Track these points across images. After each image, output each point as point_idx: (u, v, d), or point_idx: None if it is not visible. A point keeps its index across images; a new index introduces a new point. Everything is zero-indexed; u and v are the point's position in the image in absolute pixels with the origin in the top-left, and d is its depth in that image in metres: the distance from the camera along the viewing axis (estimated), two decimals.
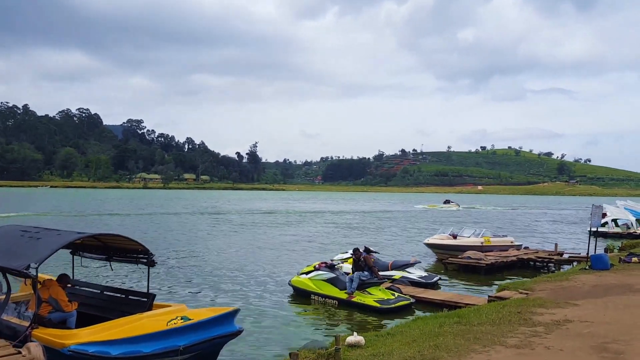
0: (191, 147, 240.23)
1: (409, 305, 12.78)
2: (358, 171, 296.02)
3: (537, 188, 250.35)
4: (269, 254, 22.72)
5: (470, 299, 13.02)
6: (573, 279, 13.43)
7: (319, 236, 31.01)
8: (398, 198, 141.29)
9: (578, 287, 12.17)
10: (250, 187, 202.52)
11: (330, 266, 13.91)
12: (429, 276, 15.79)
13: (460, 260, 18.66)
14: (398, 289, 13.57)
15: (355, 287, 12.96)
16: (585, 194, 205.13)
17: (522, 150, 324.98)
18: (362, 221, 46.40)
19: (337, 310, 12.80)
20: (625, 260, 15.49)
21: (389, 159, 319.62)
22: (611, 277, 13.16)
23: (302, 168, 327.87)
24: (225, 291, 14.55)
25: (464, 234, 22.21)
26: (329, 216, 53.32)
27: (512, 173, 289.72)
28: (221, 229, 35.05)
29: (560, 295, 11.24)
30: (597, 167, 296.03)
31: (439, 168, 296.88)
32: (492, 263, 18.32)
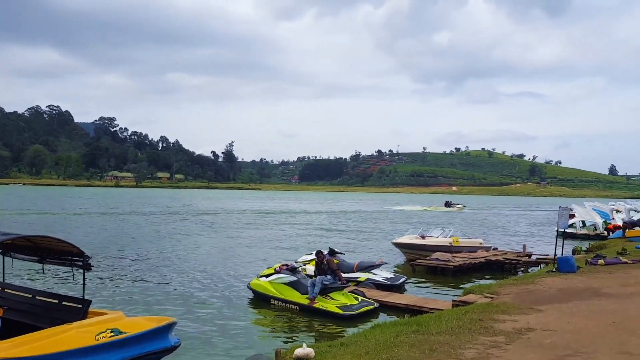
0: (165, 145, 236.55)
1: (373, 311, 12.30)
2: (335, 171, 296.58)
3: (509, 189, 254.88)
4: (233, 255, 22.00)
5: (435, 302, 12.59)
6: (539, 281, 13.14)
7: (288, 237, 30.37)
8: (374, 198, 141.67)
9: (544, 291, 11.86)
10: (226, 186, 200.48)
11: (292, 269, 13.31)
12: (395, 278, 15.36)
13: (427, 262, 18.31)
14: (362, 293, 13.07)
15: (317, 291, 12.40)
16: (556, 195, 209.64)
17: (495, 152, 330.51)
18: (335, 221, 45.94)
19: (297, 316, 12.21)
20: (591, 262, 15.33)
21: (366, 159, 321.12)
22: (577, 280, 12.91)
23: (279, 168, 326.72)
24: (177, 296, 13.77)
25: (433, 234, 21.90)
26: (301, 216, 52.75)
27: (486, 174, 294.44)
28: (187, 229, 34.05)
29: (525, 299, 10.90)
30: (567, 168, 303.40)
31: (414, 169, 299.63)
32: (460, 265, 18.01)
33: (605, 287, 11.68)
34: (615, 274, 13.46)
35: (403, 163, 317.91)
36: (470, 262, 18.66)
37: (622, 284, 11.99)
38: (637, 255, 17.24)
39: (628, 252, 17.85)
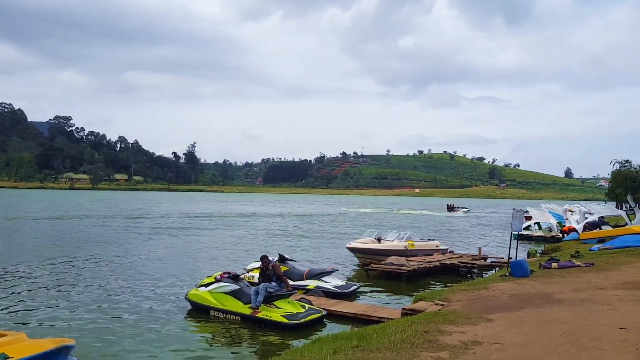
0: (124, 146, 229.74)
1: (320, 319, 11.57)
2: (299, 173, 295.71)
3: (470, 191, 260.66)
4: (179, 262, 20.78)
5: (384, 311, 11.98)
6: (492, 287, 12.71)
7: (242, 242, 29.22)
8: (339, 200, 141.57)
9: (495, 297, 11.40)
10: (187, 188, 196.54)
11: (234, 277, 12.41)
12: (346, 285, 14.68)
13: (381, 267, 17.74)
14: (309, 302, 12.31)
15: (261, 300, 11.56)
16: (515, 197, 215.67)
17: (457, 155, 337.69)
18: (296, 225, 45.08)
19: (239, 327, 11.34)
20: (545, 266, 15.08)
21: (330, 161, 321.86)
22: (530, 285, 12.54)
23: (243, 169, 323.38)
24: (105, 310, 12.55)
25: (388, 237, 21.39)
26: (261, 220, 51.66)
27: (447, 176, 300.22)
28: (134, 234, 32.43)
29: (475, 307, 10.39)
30: (525, 171, 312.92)
31: (378, 171, 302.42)
32: (414, 269, 17.53)
33: (558, 293, 11.33)
34: (568, 278, 13.19)
35: (367, 165, 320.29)
36: (425, 266, 18.21)
37: (575, 289, 11.68)
38: (590, 257, 17.18)
39: (581, 255, 17.79)
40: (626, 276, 12.65)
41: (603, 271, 13.82)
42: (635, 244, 19.28)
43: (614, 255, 17.10)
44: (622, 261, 15.54)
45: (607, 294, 10.60)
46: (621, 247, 19.25)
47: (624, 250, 18.37)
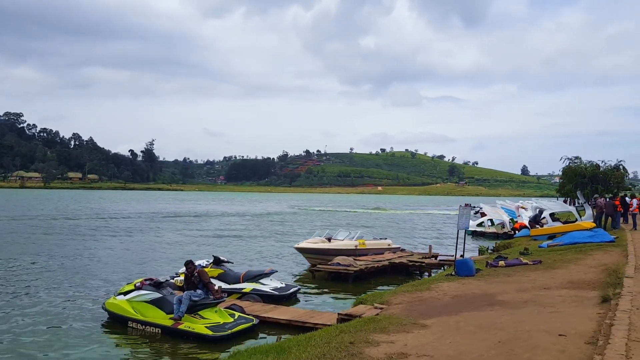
0: (78, 143, 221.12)
1: (250, 328, 10.60)
2: (262, 171, 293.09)
3: (430, 188, 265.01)
4: (109, 266, 19.31)
5: (321, 316, 11.13)
6: (435, 287, 12.07)
7: (186, 243, 27.67)
8: (301, 198, 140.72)
9: (437, 299, 10.74)
10: (145, 187, 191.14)
11: (157, 284, 11.26)
12: (285, 287, 13.75)
13: (327, 267, 16.93)
14: (240, 308, 11.30)
15: (184, 310, 10.46)
16: (473, 194, 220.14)
17: (418, 153, 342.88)
18: (251, 225, 43.84)
19: (159, 341, 10.22)
20: (492, 264, 14.61)
21: (294, 160, 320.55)
22: (474, 286, 11.97)
23: (204, 167, 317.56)
24: (12, 322, 11.22)
25: (338, 236, 20.62)
26: (216, 219, 50.12)
27: (409, 174, 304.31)
28: (73, 234, 30.61)
29: (414, 310, 9.68)
30: (483, 169, 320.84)
31: (342, 169, 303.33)
32: (362, 269, 16.79)
33: (501, 293, 10.76)
34: (513, 277, 12.70)
35: (331, 163, 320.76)
36: (373, 265, 17.51)
37: (519, 289, 11.15)
38: (539, 255, 16.89)
39: (530, 252, 17.49)
40: (572, 275, 12.25)
41: (550, 269, 13.43)
42: (583, 240, 19.19)
43: (562, 253, 16.87)
44: (570, 258, 15.26)
45: (552, 295, 10.10)
46: (570, 243, 19.12)
47: (573, 247, 18.22)
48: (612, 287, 9.71)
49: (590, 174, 24.62)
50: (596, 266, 13.21)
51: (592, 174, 24.57)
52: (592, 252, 16.23)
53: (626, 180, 28.03)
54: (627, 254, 14.71)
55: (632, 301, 8.13)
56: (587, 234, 19.69)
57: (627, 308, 7.59)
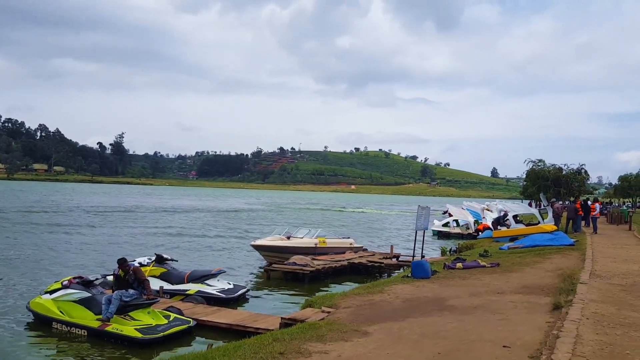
0: (45, 135, 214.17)
1: (186, 331, 9.87)
2: (235, 167, 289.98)
3: (403, 188, 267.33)
4: (42, 263, 18.13)
5: (265, 320, 10.48)
6: (389, 290, 11.56)
7: (137, 239, 26.38)
8: (273, 196, 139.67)
9: (387, 303, 10.22)
10: (112, 180, 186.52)
11: (86, 282, 10.40)
12: (233, 289, 13.04)
13: (282, 267, 16.29)
14: (177, 310, 10.55)
15: (113, 310, 9.66)
16: (444, 195, 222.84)
17: (392, 153, 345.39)
18: (211, 221, 42.70)
19: (85, 344, 9.41)
20: (449, 266, 14.21)
21: (268, 156, 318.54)
22: (428, 289, 11.52)
23: (176, 162, 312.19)
24: None
25: (298, 234, 20.01)
26: (177, 215, 48.81)
27: (382, 174, 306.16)
28: (15, 228, 29.02)
29: (361, 315, 9.14)
30: (454, 170, 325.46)
31: (316, 167, 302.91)
32: (318, 269, 16.21)
33: (454, 298, 10.33)
34: (468, 280, 12.30)
35: (305, 161, 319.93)
36: (331, 265, 16.96)
37: (472, 293, 10.74)
38: (498, 257, 16.62)
39: (490, 254, 17.21)
40: (527, 279, 11.93)
41: (506, 273, 13.10)
42: (544, 243, 19.07)
43: (522, 255, 16.64)
44: (528, 262, 15.01)
45: (504, 300, 9.70)
46: (530, 246, 18.97)
47: (533, 250, 18.06)
48: (565, 293, 9.37)
49: (553, 177, 24.68)
50: (553, 270, 12.94)
51: (554, 177, 24.64)
52: (550, 256, 16.06)
53: (587, 184, 28.27)
54: (584, 259, 14.54)
55: (582, 310, 7.75)
56: (548, 236, 19.59)
57: (577, 318, 7.19)
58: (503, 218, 25.97)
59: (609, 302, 8.51)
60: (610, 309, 7.99)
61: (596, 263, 13.63)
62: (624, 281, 10.79)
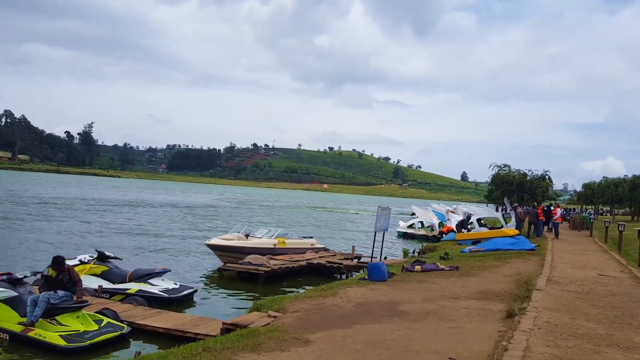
0: (10, 121, 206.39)
1: (120, 337, 9.12)
2: (207, 162, 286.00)
3: (375, 189, 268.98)
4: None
5: (207, 325, 9.79)
6: (342, 293, 11.06)
7: (84, 235, 24.92)
8: (244, 192, 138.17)
9: (338, 307, 9.70)
10: (79, 171, 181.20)
11: (13, 280, 9.52)
12: (178, 289, 12.31)
13: (236, 267, 15.62)
14: (113, 313, 9.77)
15: (39, 313, 8.80)
16: (415, 197, 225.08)
17: (365, 154, 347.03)
18: (172, 216, 41.43)
19: (6, 350, 8.57)
20: (408, 269, 13.82)
21: (240, 152, 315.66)
22: (382, 292, 11.07)
23: (145, 155, 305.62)
24: None
25: (257, 233, 19.35)
26: (138, 209, 47.32)
27: (355, 174, 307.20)
28: None
29: (308, 320, 8.59)
30: (426, 173, 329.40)
31: (289, 165, 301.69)
32: (274, 269, 15.60)
33: (406, 302, 9.90)
34: (425, 284, 11.92)
35: (278, 158, 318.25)
36: (288, 266, 16.38)
37: (427, 297, 10.34)
38: (458, 260, 16.36)
39: (450, 257, 16.94)
40: (484, 284, 11.62)
41: (464, 277, 12.79)
42: (505, 247, 18.97)
43: (482, 259, 16.43)
44: (487, 265, 14.78)
45: (458, 306, 9.31)
46: (492, 249, 18.84)
47: (493, 254, 17.89)
48: (520, 300, 9.05)
49: (518, 182, 24.74)
50: (511, 275, 12.69)
51: (519, 182, 24.70)
52: (510, 260, 15.88)
53: (550, 190, 28.55)
54: (543, 264, 14.38)
55: (535, 319, 7.39)
56: (509, 240, 19.50)
57: (528, 328, 6.81)
58: (467, 221, 25.93)
59: (564, 310, 8.20)
60: (564, 318, 7.67)
61: (554, 269, 13.46)
62: (580, 288, 10.57)
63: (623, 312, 8.23)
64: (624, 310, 8.40)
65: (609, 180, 46.78)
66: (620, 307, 8.59)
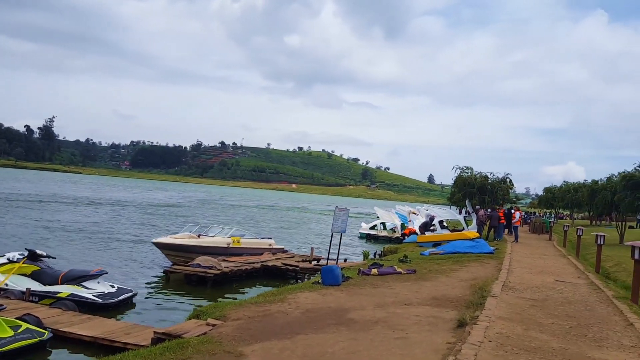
0: None
1: (39, 345, 8.21)
2: (172, 160, 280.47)
3: (344, 190, 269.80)
4: None
5: (140, 333, 8.99)
6: (292, 298, 10.41)
7: (19, 234, 23.43)
8: (209, 191, 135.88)
9: (284, 315, 9.04)
10: (38, 166, 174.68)
11: None
12: (115, 293, 11.39)
13: (183, 269, 14.76)
14: (35, 319, 8.83)
15: None
16: (383, 198, 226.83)
17: (334, 154, 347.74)
18: (125, 215, 39.76)
19: None
20: (364, 272, 13.30)
21: (207, 150, 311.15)
22: (334, 297, 10.48)
23: (108, 151, 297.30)
24: None
25: (210, 233, 18.50)
26: (95, 207, 45.46)
27: (324, 174, 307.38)
28: None
29: (249, 330, 7.91)
30: (394, 175, 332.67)
31: (257, 164, 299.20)
32: (225, 272, 14.82)
33: (357, 309, 9.33)
34: (379, 289, 11.40)
35: (246, 157, 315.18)
36: (240, 268, 15.61)
37: (379, 303, 9.80)
38: (417, 263, 15.97)
39: (409, 260, 16.55)
40: (440, 289, 11.18)
41: (420, 281, 12.34)
42: (464, 249, 18.75)
43: (440, 262, 16.09)
44: (445, 269, 14.41)
45: (409, 313, 8.81)
46: (451, 252, 18.60)
47: (452, 256, 17.63)
48: (473, 307, 8.61)
49: (479, 184, 24.69)
50: (467, 280, 12.32)
51: (480, 185, 24.65)
52: (468, 263, 15.59)
53: (511, 193, 28.73)
54: (500, 268, 14.11)
55: (486, 329, 6.92)
56: (469, 243, 19.29)
57: (478, 340, 6.32)
58: (430, 223, 25.69)
59: (517, 320, 7.78)
60: (517, 328, 7.24)
61: (511, 273, 13.19)
62: (536, 295, 10.25)
63: (578, 322, 7.88)
64: (579, 320, 8.07)
65: (569, 185, 47.83)
66: (575, 317, 8.26)
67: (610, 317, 8.50)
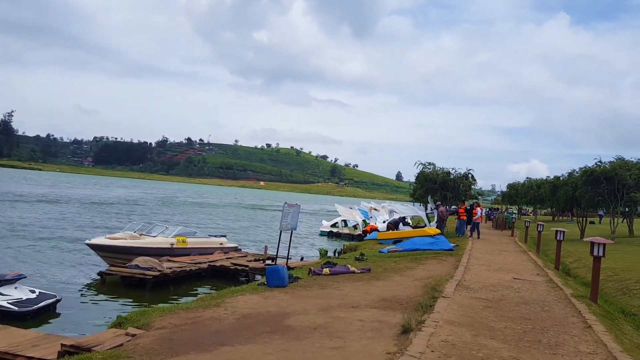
0: None
1: None
2: (137, 156, 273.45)
3: (312, 187, 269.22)
4: None
5: (48, 345, 7.93)
6: (230, 302, 9.47)
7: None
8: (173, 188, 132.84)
9: (217, 322, 8.11)
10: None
11: None
12: (34, 299, 10.23)
13: (120, 270, 13.62)
14: None
15: None
16: (351, 195, 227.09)
17: (303, 152, 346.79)
18: (80, 213, 37.87)
19: None
20: (315, 271, 12.50)
21: (173, 146, 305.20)
22: (277, 300, 9.61)
23: (70, 147, 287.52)
24: None
25: (152, 232, 17.32)
26: (43, 205, 43.14)
27: (293, 171, 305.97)
28: None
29: (171, 341, 6.97)
30: (362, 172, 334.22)
31: (224, 160, 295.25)
32: (166, 274, 13.74)
33: (298, 314, 8.48)
34: (326, 290, 10.59)
35: (214, 154, 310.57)
36: (184, 269, 14.56)
37: (323, 306, 8.99)
38: (373, 261, 15.27)
39: (366, 258, 15.85)
40: (391, 289, 10.46)
41: (372, 280, 11.61)
42: (423, 246, 18.21)
43: (397, 260, 15.44)
44: (401, 267, 13.75)
45: (353, 318, 8.02)
46: (410, 249, 18.02)
47: (411, 254, 17.04)
48: (421, 310, 7.89)
49: (441, 180, 24.25)
50: (421, 279, 11.66)
51: (442, 181, 24.22)
52: (426, 261, 15.00)
53: (475, 189, 28.50)
54: (457, 265, 13.53)
55: (431, 337, 6.18)
56: (428, 240, 18.76)
57: (419, 351, 5.55)
58: (399, 221, 24.97)
59: (467, 324, 7.09)
60: (466, 334, 6.53)
61: (468, 271, 12.61)
62: (491, 295, 9.64)
63: (533, 325, 7.25)
64: (535, 322, 7.44)
65: (532, 181, 48.33)
66: (531, 319, 7.63)
67: (568, 318, 7.93)
